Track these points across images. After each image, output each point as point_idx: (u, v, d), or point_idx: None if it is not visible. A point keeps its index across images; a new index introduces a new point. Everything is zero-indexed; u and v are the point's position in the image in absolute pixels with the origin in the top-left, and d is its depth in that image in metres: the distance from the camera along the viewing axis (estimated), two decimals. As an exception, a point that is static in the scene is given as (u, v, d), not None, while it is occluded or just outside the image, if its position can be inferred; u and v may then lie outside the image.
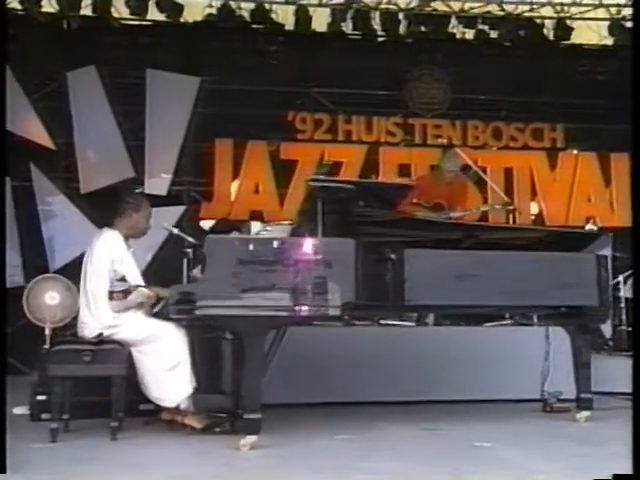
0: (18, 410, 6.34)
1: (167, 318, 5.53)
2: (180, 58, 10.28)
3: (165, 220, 9.79)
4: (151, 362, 5.71)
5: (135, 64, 10.14)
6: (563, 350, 6.67)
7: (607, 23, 10.81)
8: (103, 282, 5.72)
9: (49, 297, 7.03)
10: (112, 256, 5.79)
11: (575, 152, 11.05)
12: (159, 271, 8.26)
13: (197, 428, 5.76)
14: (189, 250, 6.45)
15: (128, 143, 10.17)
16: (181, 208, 10.11)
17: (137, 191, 9.07)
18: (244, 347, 5.22)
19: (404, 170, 10.66)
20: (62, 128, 10.05)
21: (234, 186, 10.46)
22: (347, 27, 10.69)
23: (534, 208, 10.87)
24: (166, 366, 5.70)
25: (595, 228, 10.63)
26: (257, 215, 10.30)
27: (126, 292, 5.65)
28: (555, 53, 10.90)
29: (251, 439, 5.19)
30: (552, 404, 6.74)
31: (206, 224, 10.18)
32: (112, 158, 10.19)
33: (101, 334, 5.66)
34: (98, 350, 5.59)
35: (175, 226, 6.78)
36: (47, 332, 6.92)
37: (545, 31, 10.93)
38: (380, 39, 10.87)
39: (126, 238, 6.00)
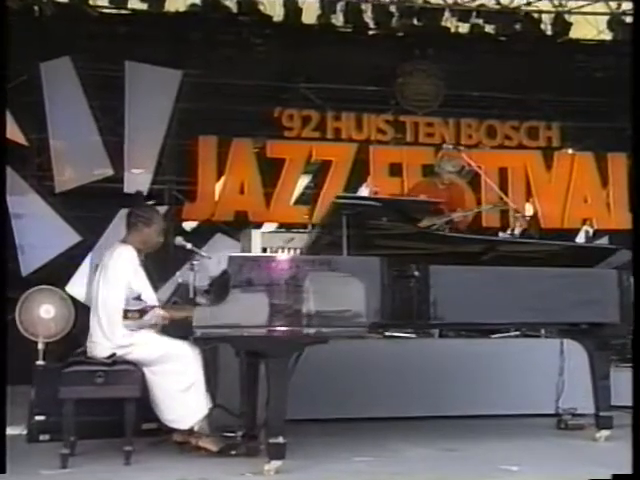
0: (12, 430, 6.29)
1: (185, 337, 5.65)
2: (161, 50, 10.29)
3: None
4: (165, 383, 5.77)
5: (113, 56, 10.14)
6: (577, 365, 6.88)
7: (606, 17, 11.03)
8: (119, 300, 5.76)
9: (44, 311, 7.02)
10: (128, 273, 5.84)
11: (571, 152, 11.29)
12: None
13: (212, 451, 5.85)
14: (195, 262, 6.56)
15: (106, 139, 10.20)
16: (162, 208, 9.80)
17: (149, 203, 9.04)
18: (269, 369, 5.35)
19: (395, 170, 10.86)
20: (35, 123, 10.03)
21: (218, 186, 10.56)
22: (337, 20, 10.87)
23: (529, 209, 11.01)
24: (180, 387, 5.76)
25: (591, 230, 10.92)
26: (242, 216, 10.46)
27: (142, 312, 5.70)
28: (552, 48, 11.12)
29: (276, 464, 5.31)
30: (567, 421, 6.94)
31: (189, 225, 10.42)
32: (89, 155, 10.23)
33: (114, 354, 5.73)
34: (111, 371, 5.66)
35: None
36: (40, 347, 6.95)
37: (542, 26, 11.19)
38: (371, 32, 11.05)
39: (138, 252, 6.02)
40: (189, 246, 6.56)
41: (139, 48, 10.23)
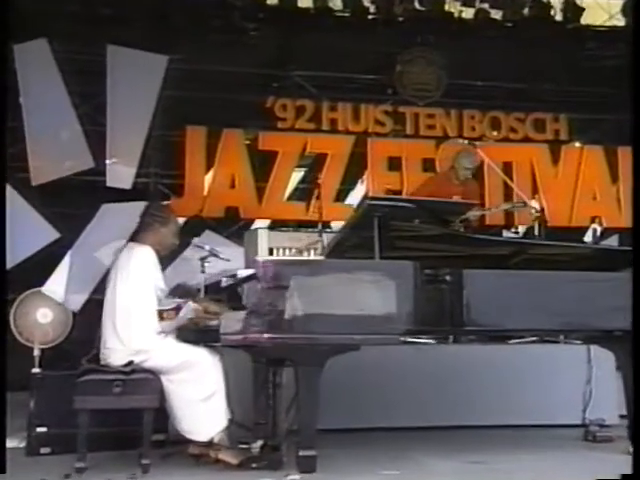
0: (9, 443, 6.32)
1: (209, 343, 5.81)
2: (146, 33, 10.33)
3: (128, 216, 10.16)
4: (183, 392, 5.86)
5: (94, 38, 10.13)
6: (604, 373, 7.08)
7: (619, 1, 11.19)
8: (147, 303, 5.89)
9: (41, 315, 7.12)
10: (153, 273, 5.97)
11: (580, 145, 11.50)
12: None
13: (232, 464, 5.92)
14: (207, 264, 6.68)
15: (86, 129, 10.21)
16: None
17: (164, 203, 9.10)
18: (299, 377, 5.50)
19: (394, 164, 11.05)
20: (8, 110, 9.91)
21: (207, 179, 10.65)
22: (335, 4, 10.96)
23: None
24: (200, 396, 5.85)
25: (600, 229, 11.11)
26: (232, 212, 10.55)
27: (177, 309, 5.86)
28: (561, 35, 11.28)
29: (299, 476, 5.46)
30: (595, 432, 7.09)
31: None
32: (68, 145, 10.22)
33: (131, 362, 5.81)
34: (128, 380, 5.74)
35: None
36: (36, 353, 7.09)
37: (552, 11, 11.34)
38: (370, 17, 11.14)
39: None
40: (207, 247, 6.65)
41: (122, 31, 10.23)
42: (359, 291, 5.55)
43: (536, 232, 8.85)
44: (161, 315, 5.83)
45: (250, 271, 6.22)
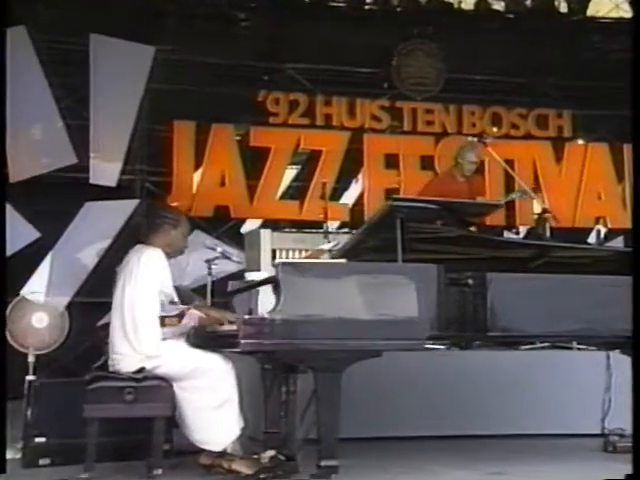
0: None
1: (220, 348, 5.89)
2: (131, 23, 10.32)
3: (113, 215, 10.22)
4: (195, 400, 5.93)
5: (77, 27, 10.14)
6: (624, 382, 7.20)
7: (628, -7, 11.30)
8: (153, 307, 5.96)
9: (36, 319, 7.17)
10: (160, 277, 6.03)
11: (584, 142, 11.69)
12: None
13: (245, 474, 5.97)
14: (214, 266, 6.77)
15: (68, 122, 10.21)
16: (133, 202, 10.25)
17: (174, 204, 9.11)
18: (320, 385, 5.58)
19: (391, 161, 11.16)
20: (-14, 102, 10.03)
21: (196, 177, 10.68)
22: (330, -7, 10.99)
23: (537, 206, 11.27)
24: (212, 404, 5.93)
25: (604, 230, 11.25)
26: (222, 211, 10.60)
27: (180, 316, 5.94)
28: (565, 27, 11.44)
29: (313, 480, 5.53)
30: (615, 443, 7.21)
31: None
32: (48, 140, 10.22)
33: (143, 368, 5.88)
34: (140, 387, 5.82)
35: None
36: (30, 359, 7.16)
37: (556, 2, 11.52)
38: (367, 8, 11.31)
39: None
40: (220, 249, 6.79)
41: (106, 19, 10.22)
42: (382, 295, 5.66)
43: (541, 232, 8.97)
44: (163, 321, 5.92)
45: (263, 274, 6.31)
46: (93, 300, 9.07)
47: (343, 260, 5.98)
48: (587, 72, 11.33)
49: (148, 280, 6.03)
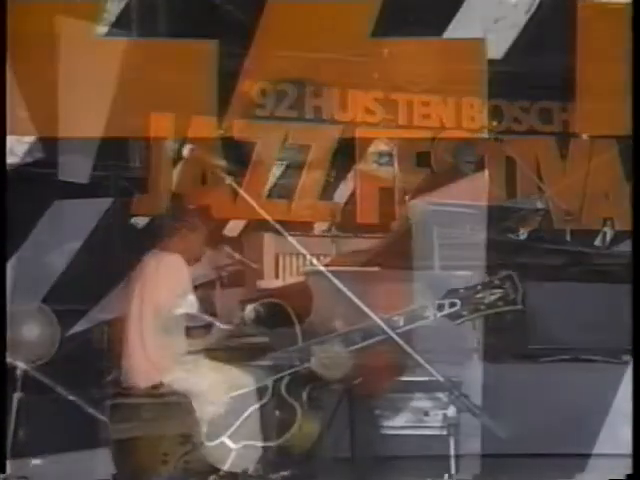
0: None
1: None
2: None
3: (84, 216, 9.72)
4: (215, 417, 5.79)
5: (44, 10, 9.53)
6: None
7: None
8: (177, 317, 5.86)
9: (27, 330, 7.20)
10: (184, 285, 5.97)
11: (590, 137, 11.26)
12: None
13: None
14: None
15: (34, 113, 9.63)
16: (107, 201, 9.84)
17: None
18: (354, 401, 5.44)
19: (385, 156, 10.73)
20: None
21: (175, 173, 10.34)
22: (320, -26, 10.57)
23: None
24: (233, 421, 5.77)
25: (611, 232, 10.82)
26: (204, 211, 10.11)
27: (208, 327, 5.85)
28: (571, 13, 10.79)
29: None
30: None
31: (139, 222, 10.00)
32: (12, 132, 9.35)
33: (161, 383, 5.82)
34: (159, 404, 5.75)
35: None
36: (18, 374, 6.86)
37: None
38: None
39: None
40: (238, 256, 7.11)
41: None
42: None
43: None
44: (188, 332, 5.84)
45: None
46: (62, 308, 8.68)
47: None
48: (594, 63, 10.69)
49: (172, 289, 5.97)
